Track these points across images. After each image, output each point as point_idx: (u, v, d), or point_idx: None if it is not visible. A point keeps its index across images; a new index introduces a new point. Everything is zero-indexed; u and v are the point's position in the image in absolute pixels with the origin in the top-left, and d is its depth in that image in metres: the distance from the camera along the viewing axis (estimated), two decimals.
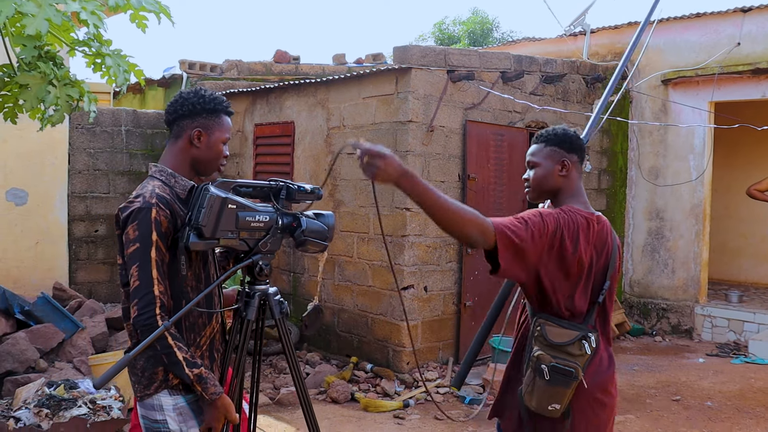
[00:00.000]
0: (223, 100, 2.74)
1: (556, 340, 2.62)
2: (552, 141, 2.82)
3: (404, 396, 6.49)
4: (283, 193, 2.74)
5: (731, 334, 9.11)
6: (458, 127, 7.33)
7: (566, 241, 2.60)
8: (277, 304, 2.82)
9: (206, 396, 2.51)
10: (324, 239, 2.78)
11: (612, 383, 2.77)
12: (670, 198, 9.64)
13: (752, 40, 9.15)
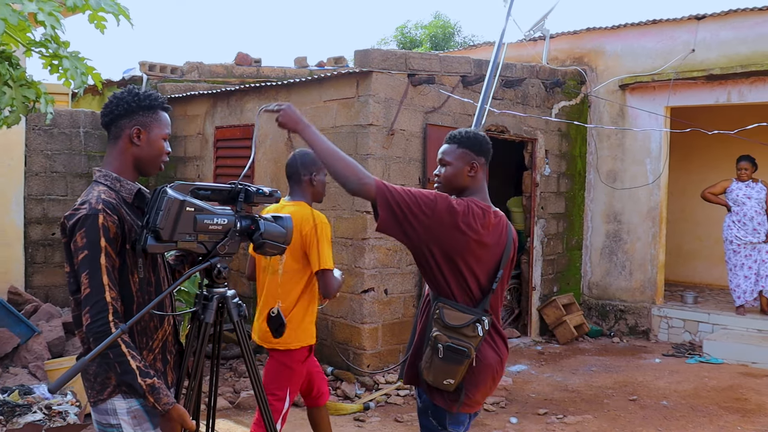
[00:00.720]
0: (159, 96, 2.72)
1: (453, 323, 2.90)
2: (464, 143, 3.11)
3: (365, 398, 6.51)
4: (242, 196, 2.74)
5: (687, 334, 9.28)
6: (419, 130, 7.37)
7: (461, 224, 2.88)
8: (235, 307, 2.82)
9: (159, 407, 2.48)
10: (282, 242, 2.79)
11: (503, 361, 3.09)
12: (627, 201, 9.80)
13: (706, 46, 9.33)
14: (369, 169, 6.80)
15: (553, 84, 9.23)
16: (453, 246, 2.91)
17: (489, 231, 2.99)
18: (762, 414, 6.38)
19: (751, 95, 8.92)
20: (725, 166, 11.31)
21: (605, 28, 10.14)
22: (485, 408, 6.37)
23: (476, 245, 2.94)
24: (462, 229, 2.89)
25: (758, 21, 9.03)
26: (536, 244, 9.20)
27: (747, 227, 9.02)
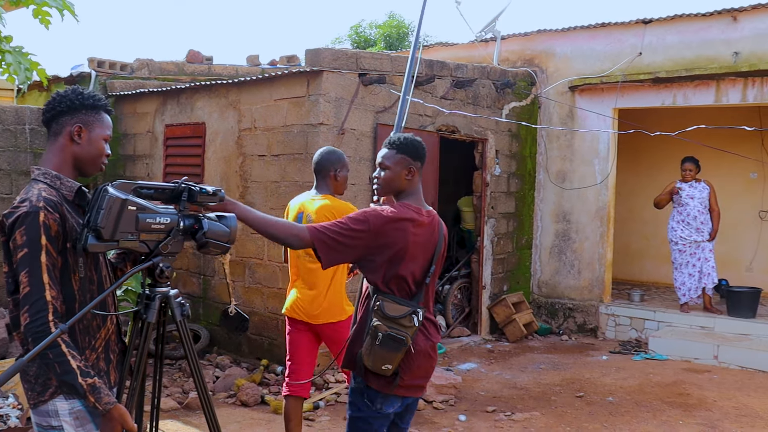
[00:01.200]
0: (102, 97, 2.71)
1: (392, 314, 3.16)
2: (402, 149, 3.32)
3: (315, 398, 6.50)
4: (185, 195, 2.73)
5: (633, 331, 9.46)
6: (369, 130, 7.40)
7: (397, 232, 3.16)
8: (178, 307, 2.80)
9: (99, 406, 2.45)
10: (226, 241, 2.78)
11: (435, 348, 3.38)
12: (576, 201, 9.95)
13: (653, 50, 9.52)
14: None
15: (503, 85, 9.33)
16: (392, 251, 3.18)
17: (422, 231, 3.27)
18: (703, 408, 6.53)
19: (695, 98, 9.13)
20: (672, 167, 11.56)
21: (555, 30, 10.28)
22: (434, 406, 6.42)
23: (412, 246, 3.21)
24: (398, 236, 3.17)
25: (702, 26, 9.24)
26: (486, 243, 9.29)
27: (691, 227, 9.23)
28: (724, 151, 9.11)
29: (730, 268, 11.05)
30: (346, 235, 3.11)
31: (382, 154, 3.36)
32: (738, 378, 7.60)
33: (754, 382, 7.44)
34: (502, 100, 9.47)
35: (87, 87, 9.15)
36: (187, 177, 2.83)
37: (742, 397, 6.91)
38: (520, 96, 9.85)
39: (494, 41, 10.47)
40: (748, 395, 6.96)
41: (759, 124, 10.49)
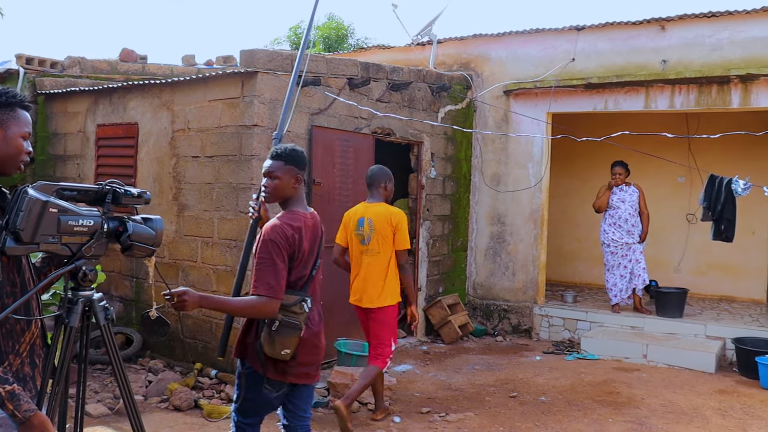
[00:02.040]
0: (17, 93, 2.62)
1: (285, 302, 3.58)
2: (290, 160, 3.70)
3: None
4: (110, 197, 2.68)
5: (566, 332, 9.63)
6: (304, 132, 7.38)
7: (295, 247, 3.63)
8: (101, 311, 2.75)
9: (19, 414, 2.37)
10: (152, 244, 2.75)
11: (322, 333, 3.88)
12: (511, 204, 10.08)
13: (585, 56, 9.71)
14: (253, 171, 6.80)
15: (439, 88, 9.40)
16: (292, 255, 3.64)
17: (310, 233, 3.75)
18: (632, 406, 6.69)
19: (626, 104, 9.35)
20: (603, 170, 11.81)
21: (491, 35, 10.40)
22: (369, 408, 6.43)
23: (305, 247, 3.70)
24: (296, 242, 3.63)
25: (632, 34, 9.46)
26: (422, 245, 9.35)
27: (622, 229, 9.46)
28: (652, 155, 9.34)
29: (660, 270, 11.34)
30: (277, 265, 3.54)
31: (270, 165, 3.71)
32: (665, 376, 7.80)
33: (680, 380, 7.64)
34: (438, 104, 9.55)
35: (14, 85, 8.94)
36: (115, 178, 2.79)
37: (668, 394, 7.09)
38: (456, 99, 9.94)
39: (431, 45, 10.55)
40: (674, 392, 7.15)
41: (686, 129, 10.79)
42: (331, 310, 7.78)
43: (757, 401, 6.97)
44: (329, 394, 6.71)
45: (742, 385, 7.58)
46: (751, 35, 8.78)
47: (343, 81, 7.86)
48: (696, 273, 11.57)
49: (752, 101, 8.62)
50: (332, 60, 7.83)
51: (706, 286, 11.48)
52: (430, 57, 10.35)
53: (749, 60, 8.74)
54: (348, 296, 6.17)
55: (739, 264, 11.27)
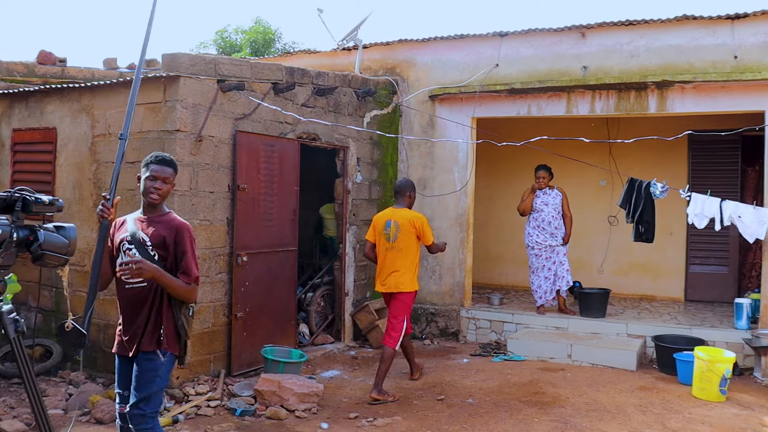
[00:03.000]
0: None
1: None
2: (174, 167, 4.27)
3: (174, 412, 6.32)
4: (19, 205, 2.59)
5: (493, 334, 9.73)
6: (228, 137, 7.29)
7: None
8: (11, 323, 2.65)
9: None
10: (65, 253, 2.68)
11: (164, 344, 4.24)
12: (437, 208, 10.15)
13: (509, 62, 9.86)
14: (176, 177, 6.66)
15: (365, 93, 9.41)
16: None
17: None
18: (557, 405, 6.79)
19: (549, 109, 9.52)
20: (528, 174, 12.00)
21: (416, 40, 10.47)
22: (297, 415, 6.38)
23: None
24: None
25: (554, 41, 9.65)
26: (348, 250, 9.33)
27: (546, 232, 9.63)
28: (573, 159, 9.53)
29: (583, 271, 11.58)
30: (196, 257, 4.21)
31: (164, 170, 4.18)
32: (589, 375, 7.95)
33: (603, 378, 7.79)
34: (364, 108, 9.56)
35: None
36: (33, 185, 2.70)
37: (592, 392, 7.22)
38: (382, 104, 9.97)
39: (357, 50, 10.56)
40: (597, 391, 7.29)
41: (607, 134, 11.05)
42: (258, 319, 7.72)
43: (675, 396, 7.17)
44: (256, 402, 6.63)
45: (661, 381, 7.78)
46: (666, 43, 9.05)
47: (267, 86, 7.80)
48: (618, 273, 11.86)
49: (668, 107, 8.89)
50: (256, 64, 7.76)
51: (628, 285, 11.77)
52: (355, 62, 10.35)
53: (665, 67, 9.01)
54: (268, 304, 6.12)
55: (659, 264, 11.59)
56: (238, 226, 7.40)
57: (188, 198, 6.88)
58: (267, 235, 7.84)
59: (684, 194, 7.53)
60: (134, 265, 3.79)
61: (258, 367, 7.56)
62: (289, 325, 8.27)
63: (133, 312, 4.19)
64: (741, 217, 7.24)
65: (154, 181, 4.13)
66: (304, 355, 7.60)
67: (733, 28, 8.70)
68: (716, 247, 11.08)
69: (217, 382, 7.07)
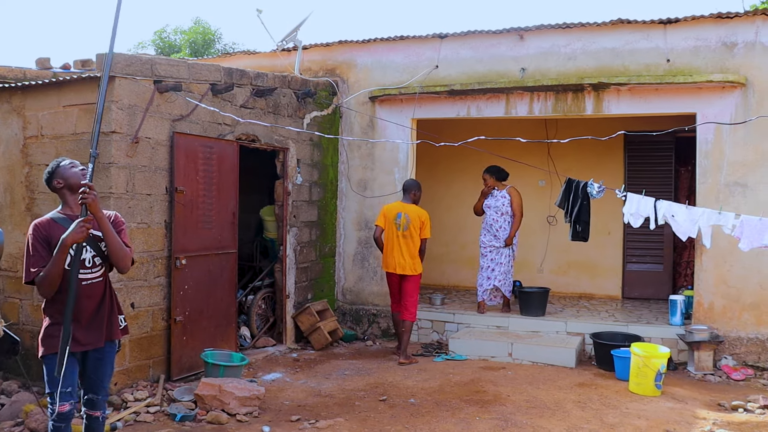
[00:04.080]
0: None
1: None
2: None
3: (112, 419, 6.19)
4: None
5: (435, 334, 9.78)
6: (165, 138, 7.17)
7: None
8: None
9: None
10: None
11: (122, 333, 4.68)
12: (378, 209, 10.09)
13: (448, 64, 9.92)
14: (112, 179, 6.56)
15: (304, 94, 9.37)
16: None
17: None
18: (498, 403, 6.85)
19: (488, 110, 9.62)
20: (468, 174, 12.14)
21: (356, 41, 10.46)
22: (238, 419, 6.32)
23: None
24: None
25: (493, 43, 9.74)
26: (289, 252, 9.28)
27: (490, 233, 9.75)
28: (512, 160, 9.61)
29: (524, 270, 11.72)
30: None
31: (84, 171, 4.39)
32: (529, 373, 8.05)
33: (543, 376, 7.90)
34: (304, 110, 9.51)
35: None
36: None
37: (532, 390, 7.31)
38: (322, 106, 9.94)
39: (296, 51, 10.50)
40: (537, 388, 7.38)
41: (545, 135, 11.20)
42: (198, 322, 7.63)
43: (612, 392, 7.30)
44: (196, 406, 6.54)
45: (599, 377, 7.92)
46: (602, 46, 9.22)
47: (206, 87, 7.70)
48: (557, 272, 12.04)
49: (604, 108, 9.07)
50: (194, 65, 7.66)
51: (567, 284, 11.97)
52: (295, 63, 10.29)
53: (601, 69, 9.18)
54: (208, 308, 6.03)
55: (597, 263, 11.81)
56: (176, 229, 7.29)
57: (125, 200, 6.75)
58: (206, 238, 7.74)
59: (620, 194, 7.65)
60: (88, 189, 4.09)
61: (198, 371, 7.45)
62: (230, 329, 8.18)
63: (92, 306, 4.37)
64: (674, 216, 7.39)
65: (82, 183, 4.25)
66: (245, 359, 7.52)
67: (666, 33, 8.90)
68: (652, 245, 11.34)
69: (157, 388, 6.96)
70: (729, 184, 8.55)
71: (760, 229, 6.99)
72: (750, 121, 8.20)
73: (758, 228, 7.00)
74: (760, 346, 8.39)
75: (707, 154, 8.67)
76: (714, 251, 8.34)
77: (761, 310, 8.44)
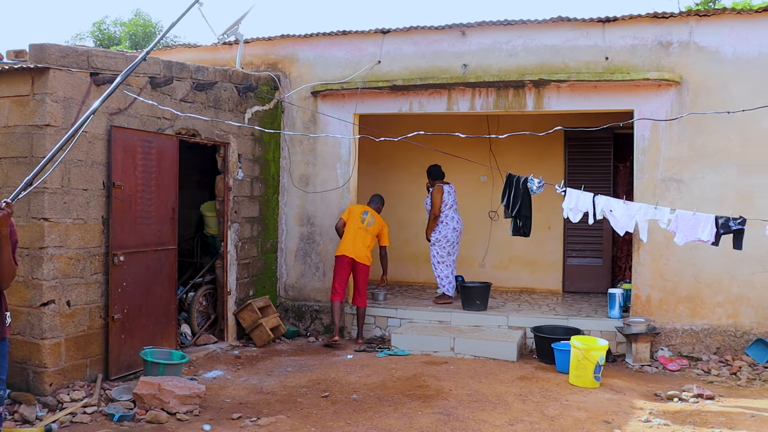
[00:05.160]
0: None
1: None
2: None
3: (47, 420, 6.04)
4: None
5: (378, 329, 9.79)
6: (103, 132, 7.01)
7: None
8: None
9: None
10: None
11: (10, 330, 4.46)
12: (320, 204, 10.13)
13: (391, 59, 9.92)
14: (45, 173, 6.36)
15: (246, 88, 9.27)
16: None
17: None
18: (440, 398, 6.88)
19: (430, 106, 9.65)
20: (410, 170, 12.18)
21: (299, 36, 10.39)
22: (178, 418, 6.23)
23: None
24: None
25: (435, 39, 9.77)
26: (230, 248, 9.17)
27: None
28: (453, 155, 9.67)
29: (466, 265, 11.81)
30: None
31: None
32: (472, 367, 8.10)
33: (485, 370, 7.96)
34: (245, 104, 9.41)
35: None
36: None
37: (474, 384, 7.37)
38: (264, 100, 9.84)
39: (238, 44, 10.36)
40: (479, 382, 7.44)
41: (488, 131, 11.29)
42: (137, 320, 7.49)
43: (553, 385, 7.40)
44: (135, 406, 6.42)
45: (540, 370, 8.02)
46: (542, 43, 9.33)
47: (144, 80, 7.55)
48: (499, 267, 12.16)
49: (545, 105, 9.18)
50: (132, 57, 7.50)
51: (509, 279, 12.10)
52: (236, 57, 10.15)
53: (542, 66, 9.29)
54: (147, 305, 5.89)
55: (538, 257, 11.97)
56: (114, 225, 7.14)
57: (60, 196, 6.58)
58: (145, 234, 7.60)
59: (559, 189, 7.75)
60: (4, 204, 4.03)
61: (138, 370, 7.32)
62: (170, 326, 8.05)
63: None
64: (612, 211, 7.51)
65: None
66: (185, 356, 7.42)
67: (605, 31, 9.05)
68: (591, 240, 11.52)
69: (94, 388, 6.81)
70: (665, 180, 8.75)
71: (693, 224, 7.16)
72: (683, 117, 8.38)
73: (692, 222, 7.17)
74: (695, 337, 8.61)
75: (644, 150, 8.85)
76: (651, 245, 8.54)
77: (695, 302, 8.66)
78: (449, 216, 10.18)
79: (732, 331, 8.54)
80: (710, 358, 8.46)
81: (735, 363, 8.21)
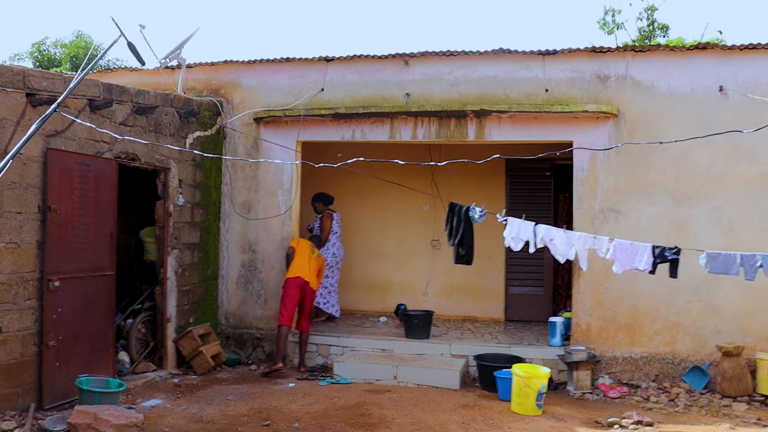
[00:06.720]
0: None
1: None
2: None
3: None
4: None
5: (320, 358, 9.70)
6: (38, 155, 6.84)
7: None
8: None
9: None
10: None
11: None
12: (261, 231, 10.05)
13: (334, 87, 9.96)
14: None
15: (187, 113, 9.17)
16: None
17: None
18: (383, 426, 6.82)
19: (372, 134, 9.70)
20: (351, 198, 12.17)
21: (242, 62, 10.35)
22: None
23: None
24: None
25: (379, 68, 9.85)
26: (170, 274, 9.01)
27: None
28: (395, 183, 9.73)
29: (408, 294, 11.86)
30: None
31: None
32: (414, 395, 8.07)
33: (428, 398, 7.94)
34: (186, 129, 9.30)
35: None
36: None
37: (417, 412, 7.33)
38: (205, 125, 9.75)
39: (180, 69, 10.28)
40: (422, 410, 7.40)
41: (430, 160, 11.36)
42: (72, 347, 7.29)
43: (495, 412, 7.41)
44: None
45: (483, 398, 8.03)
46: (484, 74, 9.48)
47: (83, 102, 7.41)
48: (441, 296, 12.19)
49: (486, 135, 9.31)
50: (71, 79, 7.35)
51: (452, 307, 12.13)
52: (179, 81, 10.06)
53: (483, 97, 9.42)
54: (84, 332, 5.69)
55: (480, 286, 12.03)
56: (49, 250, 6.94)
57: None
58: (82, 259, 7.42)
59: (501, 218, 7.82)
60: None
61: (73, 398, 7.09)
62: (107, 354, 7.84)
63: None
64: (553, 240, 7.60)
65: None
66: (123, 385, 7.22)
67: (545, 63, 9.24)
68: (532, 269, 11.64)
69: (26, 417, 6.57)
70: (603, 210, 8.92)
71: (631, 253, 7.29)
72: (620, 148, 8.59)
73: (630, 252, 7.30)
74: (634, 364, 8.74)
75: (583, 181, 9.02)
76: (590, 274, 8.67)
77: (634, 330, 8.80)
78: (331, 241, 10.74)
79: (669, 358, 8.70)
80: (649, 385, 8.60)
81: (673, 390, 8.37)
